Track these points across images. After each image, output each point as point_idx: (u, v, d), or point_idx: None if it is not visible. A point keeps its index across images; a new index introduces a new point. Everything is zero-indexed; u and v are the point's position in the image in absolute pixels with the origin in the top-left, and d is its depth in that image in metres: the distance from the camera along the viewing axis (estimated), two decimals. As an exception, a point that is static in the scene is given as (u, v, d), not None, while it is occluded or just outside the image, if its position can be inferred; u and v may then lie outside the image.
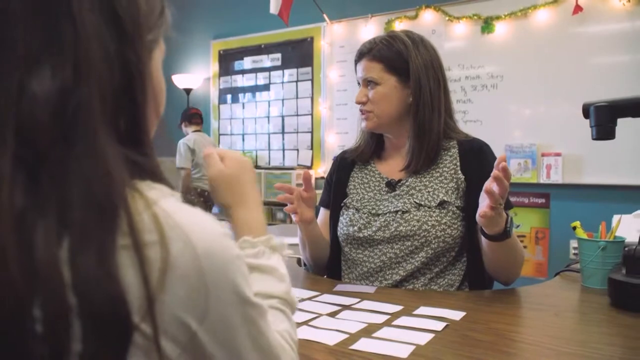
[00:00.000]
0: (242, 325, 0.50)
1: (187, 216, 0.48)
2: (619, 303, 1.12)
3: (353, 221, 1.44)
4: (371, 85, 1.42)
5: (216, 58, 5.77)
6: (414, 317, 1.03)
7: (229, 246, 0.50)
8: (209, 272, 0.47)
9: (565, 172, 3.79)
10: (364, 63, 1.44)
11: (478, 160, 1.40)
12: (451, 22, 4.27)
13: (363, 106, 1.45)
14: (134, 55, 0.50)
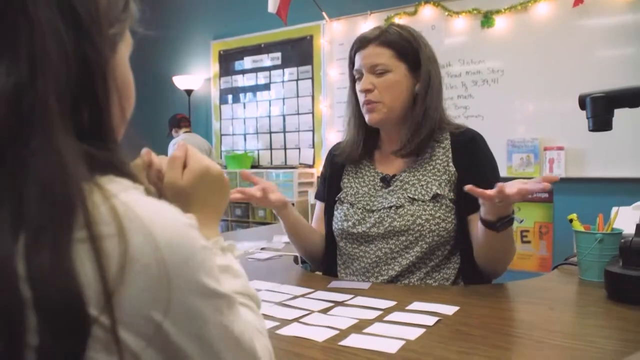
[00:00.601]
0: (211, 316, 0.50)
1: (148, 208, 0.47)
2: (616, 295, 1.10)
3: (347, 216, 1.42)
4: (379, 72, 1.36)
5: (216, 58, 5.77)
6: (406, 313, 1.02)
7: (193, 237, 0.49)
8: (172, 264, 0.46)
9: (568, 166, 3.77)
10: (371, 49, 1.37)
11: (469, 151, 1.38)
12: (451, 17, 4.25)
13: (368, 95, 1.38)
14: (93, 50, 0.49)
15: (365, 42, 1.39)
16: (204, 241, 0.51)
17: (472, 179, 1.31)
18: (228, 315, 0.52)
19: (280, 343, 0.87)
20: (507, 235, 1.23)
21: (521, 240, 4.00)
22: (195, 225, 0.52)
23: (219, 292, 0.51)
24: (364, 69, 1.39)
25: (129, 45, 0.60)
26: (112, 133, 0.52)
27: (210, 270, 0.51)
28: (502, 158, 3.98)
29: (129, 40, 0.60)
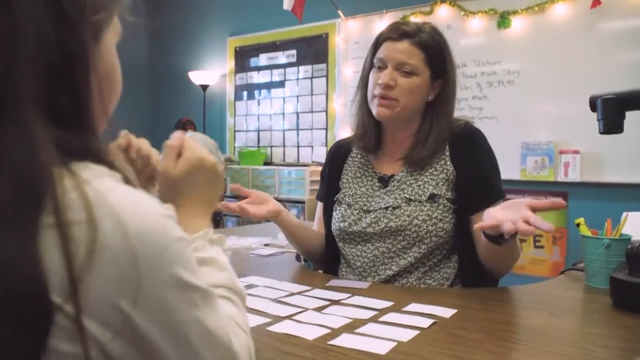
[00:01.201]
0: (185, 308, 0.49)
1: (121, 195, 0.47)
2: (621, 303, 1.06)
3: (345, 217, 1.41)
4: (405, 72, 1.31)
5: (232, 55, 5.78)
6: (402, 314, 1.00)
7: (167, 227, 0.48)
8: (142, 253, 0.45)
9: (583, 170, 3.70)
10: (404, 45, 1.30)
11: (467, 149, 1.35)
12: (467, 17, 4.20)
13: (387, 91, 1.31)
14: (75, 37, 0.49)
15: (400, 35, 1.32)
16: (180, 232, 0.50)
17: (471, 176, 1.32)
18: (204, 309, 0.51)
19: (269, 340, 0.85)
20: (510, 245, 1.19)
21: (534, 245, 3.95)
22: (172, 216, 0.51)
23: (194, 284, 0.50)
24: (390, 63, 1.32)
25: (118, 33, 0.59)
26: (90, 120, 0.51)
27: (186, 262, 0.50)
28: (516, 161, 3.93)
29: (118, 28, 0.59)
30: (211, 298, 0.53)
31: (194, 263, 0.52)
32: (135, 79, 6.56)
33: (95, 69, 0.52)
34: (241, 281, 1.23)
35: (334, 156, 1.53)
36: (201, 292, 0.51)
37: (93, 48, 0.52)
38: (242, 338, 0.59)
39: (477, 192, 1.31)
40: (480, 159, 1.35)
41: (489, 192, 1.32)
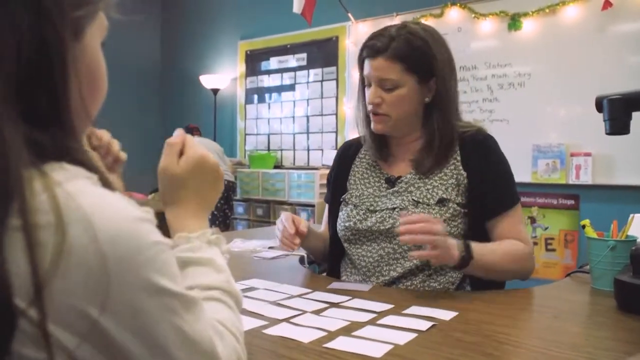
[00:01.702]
0: (160, 315, 0.47)
1: (93, 199, 0.45)
2: (626, 306, 1.05)
3: (350, 217, 1.40)
4: (388, 87, 1.31)
5: (243, 58, 5.79)
6: (401, 317, 0.98)
7: (141, 231, 0.47)
8: (112, 258, 0.44)
9: (595, 173, 3.66)
10: (380, 62, 1.29)
11: (479, 154, 1.34)
12: (477, 20, 4.18)
13: (376, 108, 1.33)
14: (52, 33, 0.48)
15: (374, 53, 1.31)
16: (156, 237, 0.49)
17: (484, 182, 1.31)
18: (183, 315, 0.50)
19: (264, 342, 0.85)
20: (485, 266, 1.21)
21: (546, 248, 3.90)
22: (148, 219, 0.49)
23: (170, 290, 0.49)
24: (372, 81, 1.33)
25: (102, 30, 0.58)
26: (68, 120, 0.50)
27: (162, 267, 0.48)
28: (527, 163, 3.89)
29: (103, 25, 0.58)
30: (192, 304, 0.52)
31: (173, 268, 0.50)
32: (146, 82, 6.61)
33: (76, 66, 0.51)
34: (242, 284, 1.24)
35: (342, 157, 1.53)
36: (180, 298, 0.50)
37: (73, 45, 0.51)
38: (230, 343, 0.57)
39: (491, 197, 1.30)
40: (493, 164, 1.34)
41: (503, 197, 1.32)
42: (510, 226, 1.31)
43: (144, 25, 6.70)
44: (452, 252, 1.15)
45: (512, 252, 1.27)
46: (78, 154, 0.50)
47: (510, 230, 1.30)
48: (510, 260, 1.26)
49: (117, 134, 4.05)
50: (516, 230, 1.31)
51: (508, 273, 1.29)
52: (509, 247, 1.28)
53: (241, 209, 5.21)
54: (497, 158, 1.36)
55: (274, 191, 4.93)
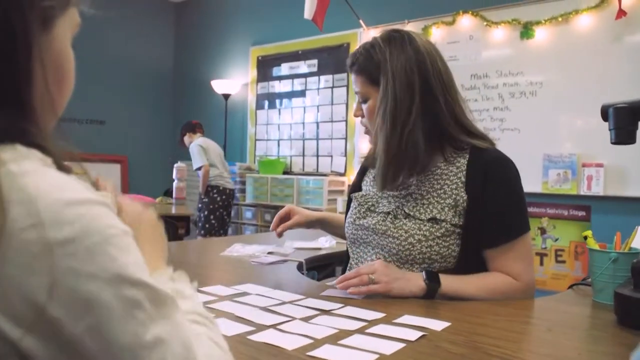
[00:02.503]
0: (119, 306, 0.43)
1: (40, 179, 0.43)
2: (626, 320, 1.01)
3: (352, 213, 1.41)
4: (362, 100, 1.34)
5: (255, 64, 5.81)
6: (392, 326, 0.96)
7: (94, 214, 0.44)
8: (58, 242, 0.41)
9: (607, 184, 3.61)
10: (353, 76, 1.36)
11: (486, 176, 1.25)
12: (489, 28, 4.15)
13: (362, 123, 1.39)
14: (20, 19, 0.47)
15: (349, 68, 1.37)
16: (113, 220, 0.46)
17: (486, 208, 1.23)
18: (150, 311, 0.45)
19: (246, 349, 0.83)
20: (460, 298, 1.19)
21: (555, 260, 3.84)
22: (104, 203, 0.47)
23: (131, 279, 0.45)
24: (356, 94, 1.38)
25: (74, 26, 0.57)
26: (28, 105, 0.49)
27: (119, 253, 0.45)
28: (537, 173, 3.85)
29: (74, 20, 0.57)
30: (162, 298, 0.47)
31: (132, 255, 0.47)
32: (159, 86, 6.66)
33: (42, 56, 0.50)
34: (234, 288, 1.22)
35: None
36: (145, 289, 0.46)
37: (41, 34, 0.50)
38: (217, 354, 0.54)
39: (491, 225, 1.23)
40: (501, 190, 1.25)
41: (507, 228, 1.24)
42: (503, 260, 1.23)
43: (158, 31, 6.75)
44: (414, 281, 1.18)
45: (491, 286, 1.21)
46: (36, 137, 0.48)
47: (502, 265, 1.23)
48: (488, 294, 1.20)
49: (130, 136, 4.15)
50: (509, 266, 1.23)
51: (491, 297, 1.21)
52: (490, 280, 1.22)
53: (249, 214, 5.20)
54: (505, 184, 1.26)
55: (282, 197, 4.92)
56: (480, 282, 1.22)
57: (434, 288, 1.17)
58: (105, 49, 6.04)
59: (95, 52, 5.90)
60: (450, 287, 1.19)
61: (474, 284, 1.21)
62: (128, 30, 6.32)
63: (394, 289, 1.16)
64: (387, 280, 1.16)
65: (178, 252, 1.83)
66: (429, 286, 1.17)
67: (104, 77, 6.03)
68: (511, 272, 1.22)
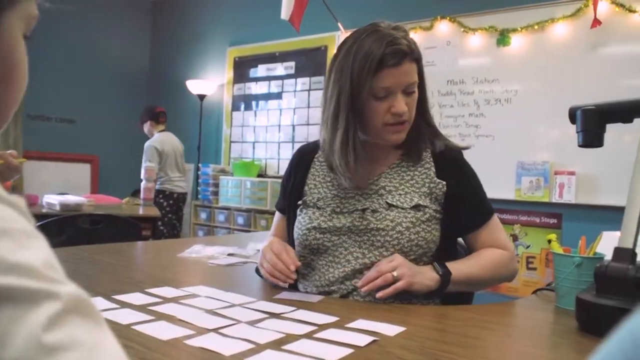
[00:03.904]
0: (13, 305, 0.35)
1: None
2: (587, 327, 0.97)
3: (313, 219, 1.30)
4: (411, 91, 1.24)
5: (231, 65, 5.74)
6: (343, 330, 0.91)
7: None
8: None
9: (578, 192, 3.61)
10: (407, 66, 1.20)
11: (455, 168, 1.33)
12: (466, 34, 4.14)
13: (404, 116, 1.24)
14: None
15: (402, 58, 1.19)
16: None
17: (462, 194, 1.30)
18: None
19: (180, 354, 0.77)
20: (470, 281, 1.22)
21: (527, 267, 3.83)
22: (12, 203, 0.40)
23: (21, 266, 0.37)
24: (398, 89, 1.21)
25: (28, 19, 0.50)
26: None
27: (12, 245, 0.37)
28: (511, 180, 3.84)
29: (29, 14, 0.50)
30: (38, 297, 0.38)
31: (33, 249, 0.39)
32: (132, 85, 6.54)
33: None
34: (184, 290, 1.16)
35: (298, 163, 1.44)
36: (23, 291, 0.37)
37: None
38: None
39: (469, 212, 1.31)
40: (468, 179, 1.34)
41: (480, 210, 1.33)
42: (488, 236, 1.31)
43: (133, 29, 6.64)
44: (429, 274, 1.17)
45: (491, 261, 1.27)
46: None
47: (488, 240, 1.31)
48: (491, 269, 1.26)
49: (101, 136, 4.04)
50: (494, 238, 1.31)
51: (491, 282, 1.30)
52: (486, 256, 1.28)
53: (222, 217, 5.12)
54: (471, 172, 1.36)
55: (256, 200, 4.85)
56: (481, 261, 1.26)
57: (447, 278, 1.17)
58: (77, 46, 5.91)
59: (67, 49, 5.78)
60: (460, 273, 1.20)
61: (477, 265, 1.25)
62: (102, 27, 6.20)
63: (415, 284, 1.14)
64: (410, 275, 1.13)
65: (133, 252, 1.76)
66: (443, 276, 1.17)
67: (76, 75, 5.90)
68: (498, 243, 1.30)
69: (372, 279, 1.13)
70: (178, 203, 4.76)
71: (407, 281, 1.12)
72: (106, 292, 1.09)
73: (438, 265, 1.19)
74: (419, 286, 1.14)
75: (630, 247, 0.98)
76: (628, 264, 0.96)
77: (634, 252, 0.98)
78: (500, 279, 1.32)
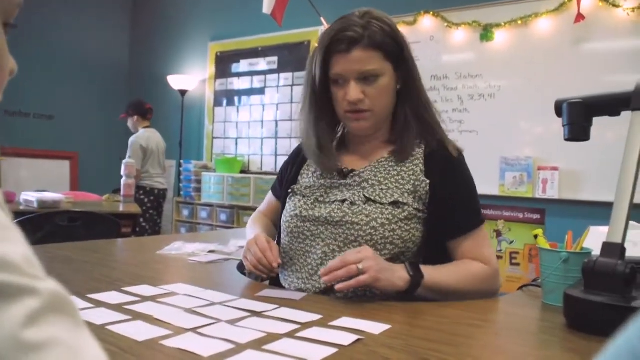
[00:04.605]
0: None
1: None
2: (575, 323, 0.95)
3: (297, 207, 1.30)
4: (371, 79, 1.20)
5: (213, 60, 5.68)
6: (326, 329, 0.88)
7: None
8: None
9: (562, 188, 3.62)
10: (359, 53, 1.18)
11: (446, 169, 1.26)
12: (450, 29, 4.14)
13: (360, 105, 1.21)
14: None
15: (349, 45, 1.18)
16: None
17: (446, 201, 1.23)
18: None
19: (156, 355, 0.73)
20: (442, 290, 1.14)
21: (510, 263, 3.84)
22: None
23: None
24: (350, 76, 1.20)
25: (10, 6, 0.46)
26: None
27: None
28: (494, 176, 3.84)
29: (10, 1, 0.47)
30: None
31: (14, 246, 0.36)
32: (112, 80, 6.44)
33: None
34: (162, 288, 1.12)
35: (297, 155, 1.44)
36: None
37: None
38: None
39: (455, 217, 1.23)
40: (459, 180, 1.27)
41: (467, 217, 1.25)
42: (471, 247, 1.23)
43: (113, 23, 6.54)
44: (399, 273, 1.10)
45: (470, 273, 1.20)
46: None
47: (470, 251, 1.23)
48: (469, 282, 1.18)
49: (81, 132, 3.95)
50: (478, 251, 1.23)
51: (467, 295, 1.18)
52: (465, 267, 1.20)
53: (205, 213, 5.06)
54: (465, 175, 1.29)
55: (239, 196, 4.80)
56: (458, 272, 1.19)
57: (417, 280, 1.11)
58: (56, 41, 5.80)
59: (46, 43, 5.67)
60: (432, 279, 1.13)
61: (453, 274, 1.18)
62: (81, 21, 6.09)
63: (381, 280, 1.07)
64: (376, 269, 1.06)
65: (111, 250, 1.71)
66: (413, 278, 1.10)
67: (55, 70, 5.79)
68: (481, 257, 1.22)
69: (335, 269, 1.05)
70: (159, 199, 4.70)
71: (372, 276, 1.04)
72: (81, 291, 1.05)
73: (410, 266, 1.12)
74: (385, 283, 1.07)
75: (619, 242, 0.96)
76: (617, 259, 0.95)
77: (622, 247, 0.96)
78: (478, 294, 1.19)
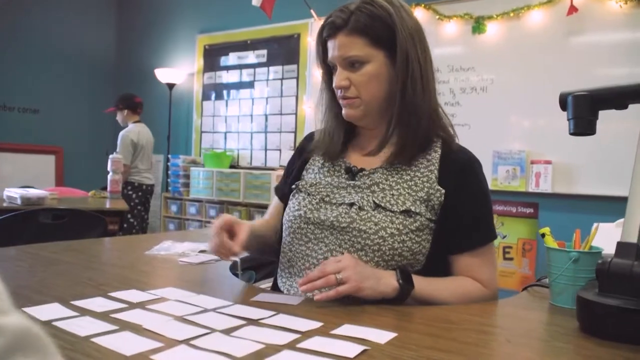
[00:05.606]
0: None
1: None
2: (590, 328, 0.91)
3: (301, 206, 1.23)
4: (356, 65, 1.16)
5: (201, 53, 5.59)
6: (328, 338, 0.82)
7: None
8: None
9: (555, 181, 3.59)
10: (341, 39, 1.15)
11: (461, 177, 1.18)
12: (442, 21, 4.09)
13: (345, 92, 1.18)
14: None
15: (333, 31, 1.17)
16: None
17: (457, 210, 1.15)
18: None
19: (146, 373, 0.67)
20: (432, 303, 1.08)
21: (503, 257, 3.82)
22: None
23: None
24: (338, 62, 1.18)
25: None
26: None
27: None
28: (487, 170, 3.79)
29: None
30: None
31: None
32: (99, 73, 6.33)
33: None
34: (151, 293, 1.05)
35: (302, 149, 1.37)
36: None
37: None
38: None
39: (462, 228, 1.15)
40: (474, 190, 1.19)
41: (475, 233, 1.18)
42: (474, 265, 1.17)
43: (99, 15, 6.41)
44: (386, 280, 1.04)
45: (464, 293, 1.13)
46: None
47: (471, 268, 1.17)
48: (461, 303, 1.11)
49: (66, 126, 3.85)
50: (479, 270, 1.16)
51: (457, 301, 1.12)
52: (462, 285, 1.14)
53: (193, 209, 4.99)
54: (481, 186, 1.22)
55: (228, 191, 4.73)
56: (453, 289, 1.12)
57: (407, 290, 1.05)
58: (41, 33, 5.67)
59: (30, 36, 5.54)
60: (424, 291, 1.07)
61: (447, 289, 1.11)
62: (66, 13, 5.96)
63: (365, 289, 1.01)
64: (357, 279, 1.00)
65: (97, 250, 1.64)
66: (403, 287, 1.04)
67: (39, 63, 5.66)
68: (481, 278, 1.16)
69: (314, 279, 1.01)
70: (146, 195, 4.62)
71: (352, 286, 1.00)
72: (63, 297, 0.99)
73: (401, 273, 1.06)
74: (369, 292, 1.02)
75: (634, 242, 0.91)
76: (633, 260, 0.90)
77: (638, 248, 0.91)
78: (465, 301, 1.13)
